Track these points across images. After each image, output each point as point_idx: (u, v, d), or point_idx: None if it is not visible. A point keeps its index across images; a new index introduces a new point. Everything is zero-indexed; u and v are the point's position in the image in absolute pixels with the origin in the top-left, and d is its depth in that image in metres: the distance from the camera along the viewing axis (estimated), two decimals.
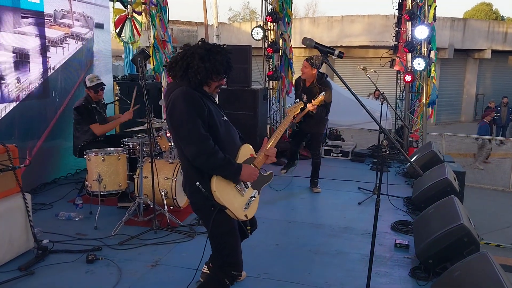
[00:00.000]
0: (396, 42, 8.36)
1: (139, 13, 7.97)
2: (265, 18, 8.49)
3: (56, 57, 5.79)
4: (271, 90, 9.05)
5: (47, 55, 5.61)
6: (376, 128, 8.09)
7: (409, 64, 7.81)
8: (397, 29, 8.30)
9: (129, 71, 8.09)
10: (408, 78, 7.72)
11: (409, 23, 7.77)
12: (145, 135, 4.52)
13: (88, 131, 4.98)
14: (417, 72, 7.85)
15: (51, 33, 5.69)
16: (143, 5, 7.72)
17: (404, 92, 8.49)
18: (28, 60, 5.28)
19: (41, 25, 5.51)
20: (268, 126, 8.97)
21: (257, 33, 8.53)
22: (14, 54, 5.06)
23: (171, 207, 4.63)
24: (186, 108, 2.43)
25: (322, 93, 5.18)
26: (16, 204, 3.58)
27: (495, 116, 15.91)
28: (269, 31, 8.68)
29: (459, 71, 21.47)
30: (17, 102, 5.12)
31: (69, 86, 6.10)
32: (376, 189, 5.61)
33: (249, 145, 2.75)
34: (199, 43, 2.58)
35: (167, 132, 4.80)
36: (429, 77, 7.85)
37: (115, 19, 7.73)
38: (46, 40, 5.59)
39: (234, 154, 2.62)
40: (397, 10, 8.23)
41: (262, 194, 2.80)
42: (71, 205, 4.88)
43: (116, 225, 4.18)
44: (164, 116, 7.44)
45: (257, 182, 2.72)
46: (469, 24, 20.48)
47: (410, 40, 7.68)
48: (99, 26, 6.80)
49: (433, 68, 7.82)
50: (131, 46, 8.12)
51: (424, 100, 7.87)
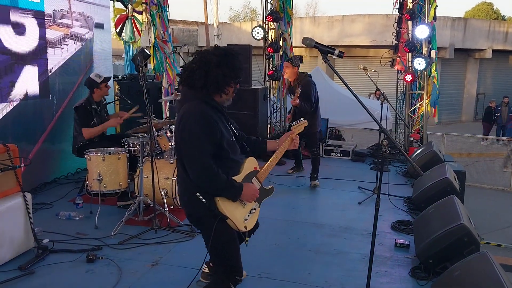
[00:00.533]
0: (397, 42, 8.34)
1: (140, 13, 7.98)
2: (266, 18, 8.51)
3: (55, 58, 5.74)
4: (272, 90, 9.07)
5: (46, 56, 5.57)
6: (377, 128, 8.08)
7: (410, 64, 7.81)
8: (398, 29, 8.29)
9: (130, 71, 8.09)
10: (409, 78, 7.72)
11: (410, 23, 7.77)
12: (146, 135, 4.52)
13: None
14: (418, 72, 7.85)
15: (50, 34, 5.64)
16: (144, 5, 7.73)
17: (405, 92, 8.49)
18: (27, 61, 5.23)
19: (41, 25, 5.47)
20: (269, 126, 8.97)
21: (258, 33, 8.55)
22: (12, 55, 5.00)
23: (172, 207, 4.63)
24: (199, 131, 2.42)
25: (299, 89, 5.52)
26: (17, 204, 3.58)
27: (496, 116, 15.92)
28: (270, 31, 8.70)
29: (460, 71, 21.48)
30: (17, 102, 5.11)
31: (69, 87, 6.08)
32: (376, 189, 5.61)
33: (253, 159, 2.77)
34: (212, 49, 2.56)
35: (167, 132, 4.80)
36: (430, 77, 7.85)
37: (116, 19, 7.74)
38: (45, 41, 5.55)
39: (238, 171, 2.64)
40: (398, 10, 8.22)
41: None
42: (72, 205, 4.88)
43: (116, 225, 4.19)
44: (165, 115, 7.44)
45: (260, 196, 2.74)
46: (470, 24, 20.48)
47: (411, 40, 7.68)
48: (99, 26, 6.74)
49: (434, 68, 7.82)
50: (132, 46, 8.13)
51: (425, 100, 7.87)
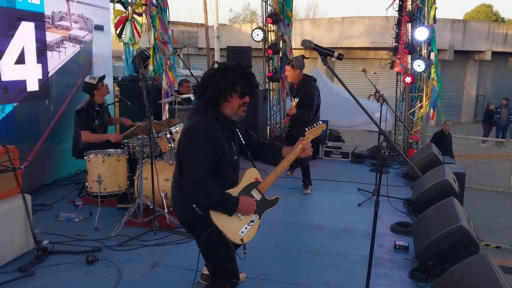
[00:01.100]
0: (396, 44, 8.37)
1: (140, 14, 7.99)
2: (266, 20, 8.52)
3: (53, 60, 5.69)
4: (271, 92, 9.08)
5: (45, 58, 5.53)
6: (376, 130, 8.08)
7: (409, 66, 7.83)
8: (397, 31, 8.31)
9: (129, 72, 8.09)
10: (408, 80, 7.73)
11: (409, 25, 7.78)
12: (145, 136, 4.53)
13: None
14: (417, 74, 7.86)
15: (48, 36, 5.59)
16: (144, 6, 7.74)
17: (404, 94, 8.50)
18: (26, 63, 5.19)
19: (41, 28, 5.43)
20: (268, 127, 8.98)
21: (258, 35, 8.56)
22: (10, 57, 4.96)
23: (171, 208, 4.61)
24: (203, 148, 2.48)
25: (295, 100, 5.44)
26: (16, 205, 3.58)
27: (495, 118, 15.94)
28: (270, 33, 8.70)
29: (459, 73, 21.50)
30: (16, 104, 5.09)
31: (68, 89, 6.05)
32: (376, 191, 5.60)
33: (254, 169, 2.77)
34: (220, 63, 2.66)
35: (167, 134, 4.81)
36: (429, 79, 7.86)
37: (116, 21, 7.75)
38: (43, 43, 5.48)
39: (236, 184, 2.66)
40: (397, 12, 8.24)
41: (266, 195, 2.78)
42: (71, 206, 4.88)
43: (116, 226, 4.19)
44: (164, 117, 7.44)
45: (260, 207, 2.71)
46: (470, 26, 20.51)
47: (410, 42, 7.69)
48: (99, 28, 6.71)
49: (433, 70, 7.83)
50: (131, 47, 8.13)
51: (424, 102, 7.88)
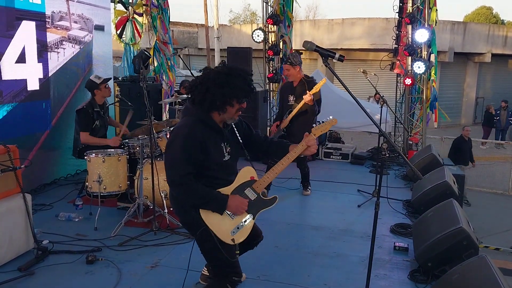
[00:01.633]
0: (396, 45, 8.38)
1: (140, 15, 7.99)
2: (266, 21, 8.52)
3: (53, 61, 5.67)
4: (272, 92, 9.07)
5: (46, 58, 5.52)
6: (376, 131, 8.10)
7: (409, 67, 7.84)
8: (398, 32, 8.32)
9: (128, 73, 8.07)
10: (408, 81, 7.75)
11: (410, 27, 7.80)
12: (146, 137, 4.53)
13: None
14: (417, 76, 7.88)
15: (49, 36, 5.56)
16: (144, 7, 7.74)
17: (404, 95, 8.51)
18: (26, 63, 5.18)
19: (42, 27, 5.41)
20: (268, 128, 8.97)
21: (258, 36, 8.56)
22: (10, 56, 4.95)
23: (171, 209, 4.62)
24: (180, 151, 2.46)
25: (317, 83, 5.08)
26: (17, 205, 3.59)
27: (495, 120, 15.97)
28: (270, 34, 8.71)
29: (459, 75, 21.52)
30: (16, 104, 5.09)
31: (68, 89, 6.04)
32: (376, 192, 5.61)
33: (250, 168, 2.71)
34: (219, 67, 2.56)
35: (167, 134, 4.81)
36: (429, 80, 7.88)
37: (116, 21, 7.75)
38: (43, 44, 5.45)
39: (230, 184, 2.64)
40: (398, 13, 8.26)
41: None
42: (71, 206, 4.88)
43: (116, 226, 4.19)
44: (164, 117, 7.45)
45: (254, 207, 2.65)
46: (469, 28, 20.54)
47: (410, 43, 7.71)
48: (99, 28, 6.70)
49: (433, 72, 7.84)
50: (132, 48, 8.13)
51: (424, 104, 7.90)
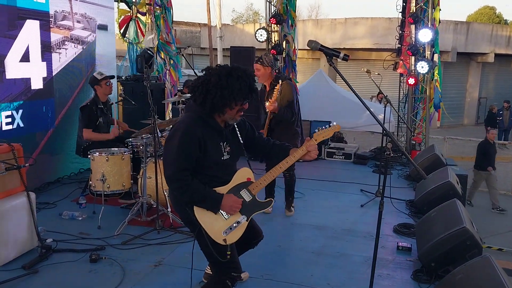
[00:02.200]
0: (400, 45, 8.37)
1: (143, 14, 8.00)
2: (269, 20, 8.52)
3: (56, 60, 5.67)
4: None
5: (50, 57, 5.54)
6: (379, 131, 8.09)
7: (413, 67, 7.83)
8: (401, 32, 8.32)
9: (131, 72, 8.08)
10: (412, 81, 7.74)
11: (413, 26, 7.79)
12: (149, 135, 4.54)
13: None
14: (421, 75, 7.87)
15: (52, 36, 5.55)
16: (148, 6, 7.75)
17: (407, 95, 8.50)
18: (30, 62, 5.19)
19: (45, 27, 5.42)
20: None
21: (261, 35, 8.57)
22: (14, 55, 4.95)
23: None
24: (178, 146, 2.47)
25: (276, 91, 4.47)
26: (21, 203, 3.60)
27: (498, 120, 15.93)
28: (273, 33, 8.71)
29: (462, 75, 21.48)
30: (21, 102, 5.11)
31: (72, 88, 6.05)
32: (379, 192, 5.61)
33: (247, 169, 2.70)
34: (220, 67, 2.53)
35: None
36: (432, 80, 7.87)
37: (120, 20, 7.76)
38: (46, 43, 5.45)
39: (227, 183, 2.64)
40: (401, 13, 8.25)
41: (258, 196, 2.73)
42: (75, 205, 4.90)
43: (120, 225, 4.20)
44: (167, 116, 7.45)
45: (249, 208, 2.63)
46: (472, 28, 20.49)
47: (414, 43, 7.69)
48: (103, 28, 6.69)
49: (436, 71, 7.83)
50: (135, 47, 8.14)
51: (428, 103, 7.89)
